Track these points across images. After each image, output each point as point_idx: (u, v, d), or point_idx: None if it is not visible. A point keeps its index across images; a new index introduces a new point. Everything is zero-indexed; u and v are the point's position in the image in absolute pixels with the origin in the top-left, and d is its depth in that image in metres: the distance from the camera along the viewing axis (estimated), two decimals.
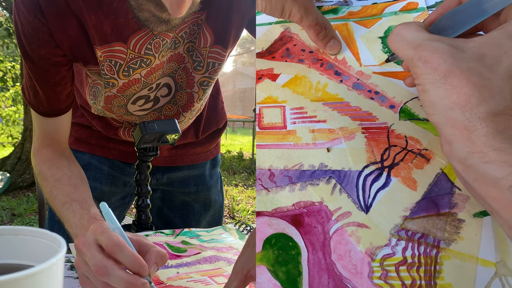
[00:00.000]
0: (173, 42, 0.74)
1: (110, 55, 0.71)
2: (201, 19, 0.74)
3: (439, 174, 0.37)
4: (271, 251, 0.36)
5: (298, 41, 0.52)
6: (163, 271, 0.65)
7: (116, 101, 0.80)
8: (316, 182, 0.39)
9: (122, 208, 1.02)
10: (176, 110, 0.86)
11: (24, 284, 0.24)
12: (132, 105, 0.82)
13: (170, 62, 0.77)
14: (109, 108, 0.82)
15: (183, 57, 0.78)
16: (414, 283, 0.33)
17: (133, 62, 0.72)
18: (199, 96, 0.84)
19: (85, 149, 0.96)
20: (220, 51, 0.78)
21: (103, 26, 0.68)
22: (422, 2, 0.53)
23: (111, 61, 0.71)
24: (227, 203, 4.36)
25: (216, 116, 1.03)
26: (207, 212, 1.05)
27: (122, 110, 0.83)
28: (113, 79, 0.74)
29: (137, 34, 0.69)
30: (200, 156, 1.04)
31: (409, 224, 0.35)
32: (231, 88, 23.79)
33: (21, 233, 0.32)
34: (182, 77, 0.81)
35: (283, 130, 0.43)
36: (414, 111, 0.41)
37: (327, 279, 0.34)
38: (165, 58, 0.75)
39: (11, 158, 5.00)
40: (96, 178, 0.95)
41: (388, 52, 0.48)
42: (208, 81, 0.82)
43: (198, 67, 0.79)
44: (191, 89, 0.82)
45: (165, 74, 0.79)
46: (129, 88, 0.76)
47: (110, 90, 0.76)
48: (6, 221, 3.56)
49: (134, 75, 0.74)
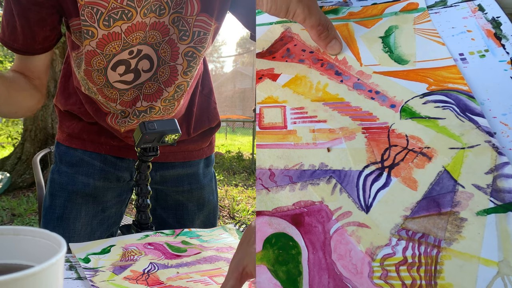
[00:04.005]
0: (158, 7, 0.75)
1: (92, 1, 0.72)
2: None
3: (441, 172, 0.37)
4: (271, 250, 0.36)
5: (299, 41, 0.52)
6: (163, 271, 0.64)
7: (95, 61, 0.80)
8: (317, 181, 0.39)
9: (119, 206, 1.02)
10: (158, 87, 0.86)
11: (24, 284, 0.24)
12: (111, 72, 0.82)
13: (153, 30, 0.78)
14: (90, 74, 0.83)
15: (168, 29, 0.79)
16: (415, 283, 0.33)
17: (114, 12, 0.73)
18: (183, 68, 0.84)
19: (77, 145, 0.97)
20: (206, 19, 0.79)
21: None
22: (422, 2, 0.53)
23: (93, 8, 0.73)
24: (227, 203, 4.36)
25: (208, 115, 1.04)
26: (201, 211, 1.05)
27: (102, 78, 0.83)
28: (92, 27, 0.75)
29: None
30: (193, 153, 1.04)
31: (410, 224, 0.35)
32: (231, 88, 23.79)
33: (21, 233, 0.32)
34: (166, 51, 0.82)
35: (283, 130, 0.43)
36: (415, 110, 0.41)
37: (327, 279, 0.34)
38: (148, 20, 0.76)
39: (11, 158, 5.00)
40: (89, 173, 0.96)
41: (388, 51, 0.48)
42: (193, 52, 0.82)
43: (184, 37, 0.80)
44: (174, 61, 0.83)
45: (148, 42, 0.80)
46: (108, 44, 0.77)
47: (90, 42, 0.77)
48: (6, 221, 3.56)
49: (114, 27, 0.75)
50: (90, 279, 0.60)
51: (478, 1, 0.51)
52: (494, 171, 0.36)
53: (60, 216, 0.94)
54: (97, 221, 0.97)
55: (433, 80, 0.44)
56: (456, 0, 0.53)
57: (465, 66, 0.45)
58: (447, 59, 0.45)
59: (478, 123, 0.39)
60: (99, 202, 0.97)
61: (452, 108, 0.41)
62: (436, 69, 0.45)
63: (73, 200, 0.94)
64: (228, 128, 17.31)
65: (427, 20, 0.51)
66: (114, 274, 0.62)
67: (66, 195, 0.94)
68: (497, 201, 0.34)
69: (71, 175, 0.95)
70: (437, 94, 0.42)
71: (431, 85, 0.43)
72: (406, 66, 0.46)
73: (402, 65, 0.46)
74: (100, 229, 0.98)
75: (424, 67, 0.45)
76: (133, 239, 0.77)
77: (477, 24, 0.48)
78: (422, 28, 0.50)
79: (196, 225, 1.04)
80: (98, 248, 0.71)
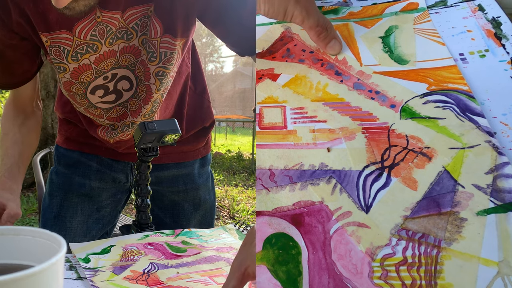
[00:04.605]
0: (124, 33, 0.77)
1: (56, 41, 0.75)
2: (150, 11, 0.77)
3: (441, 172, 0.37)
4: (271, 250, 0.36)
5: (299, 41, 0.52)
6: (163, 271, 0.64)
7: (74, 89, 0.83)
8: (317, 181, 0.39)
9: (114, 205, 1.03)
10: (139, 104, 0.88)
11: (24, 284, 0.24)
12: (91, 95, 0.84)
13: (125, 54, 0.80)
14: (74, 98, 0.86)
15: (139, 50, 0.81)
16: (414, 283, 0.33)
17: (79, 47, 0.76)
18: (157, 87, 0.86)
19: (75, 147, 1.00)
20: (170, 40, 0.80)
21: (49, 14, 0.72)
22: (422, 2, 0.53)
23: (59, 46, 0.76)
24: (227, 203, 4.36)
25: (201, 114, 1.04)
26: (197, 211, 1.06)
27: (85, 101, 0.85)
28: (63, 64, 0.78)
29: (81, 22, 0.73)
30: (188, 154, 1.05)
31: (410, 224, 0.35)
32: (231, 88, 23.80)
33: (21, 233, 0.32)
34: (141, 70, 0.83)
35: (283, 130, 0.43)
36: (415, 110, 0.41)
37: (327, 279, 0.34)
38: (117, 47, 0.78)
39: None
40: (85, 174, 0.98)
41: (388, 51, 0.48)
42: (163, 71, 0.84)
43: (152, 58, 0.81)
44: (148, 81, 0.85)
45: (122, 65, 0.81)
46: (81, 74, 0.80)
47: (64, 75, 0.80)
48: None
49: (83, 60, 0.78)
50: (90, 279, 0.60)
51: (478, 1, 0.51)
52: (494, 171, 0.36)
53: (57, 214, 0.97)
54: (92, 220, 0.99)
55: (433, 80, 0.44)
56: (456, 0, 0.53)
57: (465, 66, 0.45)
58: (447, 59, 0.45)
59: (478, 123, 0.39)
60: (94, 201, 0.99)
61: (452, 108, 0.41)
62: (436, 69, 0.45)
63: (70, 199, 0.97)
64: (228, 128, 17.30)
65: (427, 20, 0.51)
66: (114, 274, 0.62)
67: (62, 195, 0.97)
68: (497, 201, 0.34)
69: (68, 176, 0.98)
70: (437, 94, 0.42)
71: (431, 85, 0.43)
72: (406, 66, 0.46)
73: (402, 65, 0.46)
74: (96, 228, 1.00)
75: (424, 67, 0.45)
76: (133, 239, 0.77)
77: (477, 24, 0.48)
78: (422, 28, 0.50)
79: (192, 225, 1.04)
80: (98, 248, 0.72)
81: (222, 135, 14.73)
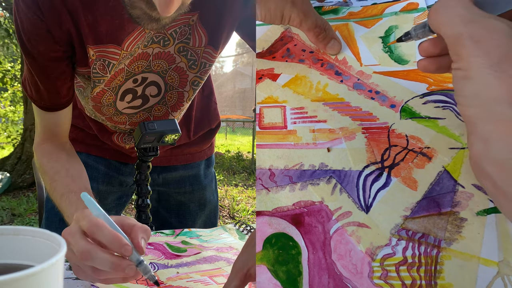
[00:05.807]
0: (162, 38, 0.75)
1: (102, 55, 0.72)
2: (193, 20, 0.75)
3: (441, 173, 0.37)
4: (271, 250, 0.36)
5: (299, 41, 0.52)
6: (163, 271, 0.64)
7: (105, 99, 0.81)
8: (317, 181, 0.39)
9: (118, 209, 1.03)
10: (165, 110, 0.87)
11: (24, 284, 0.24)
12: (120, 102, 0.82)
13: (158, 59, 0.78)
14: (99, 109, 0.83)
15: (174, 57, 0.79)
16: (414, 283, 0.33)
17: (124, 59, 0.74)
18: (189, 96, 0.85)
19: (81, 149, 0.98)
20: (211, 52, 0.80)
21: (99, 26, 0.69)
22: (422, 2, 0.53)
23: (104, 60, 0.73)
24: (227, 203, 4.36)
25: (209, 116, 1.05)
26: (203, 211, 1.06)
27: (112, 109, 0.83)
28: (104, 77, 0.75)
29: (131, 35, 0.71)
30: (195, 155, 1.05)
31: (410, 224, 0.35)
32: (231, 88, 23.79)
33: (21, 233, 0.32)
34: (173, 78, 0.82)
35: (283, 130, 0.43)
36: (415, 110, 0.41)
37: (327, 279, 0.34)
38: (151, 50, 0.76)
39: (11, 158, 4.99)
40: (92, 177, 0.96)
41: (388, 51, 0.48)
42: (198, 81, 0.84)
43: (193, 66, 0.80)
44: (183, 88, 0.84)
45: (153, 71, 0.80)
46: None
47: (99, 86, 0.77)
48: (6, 221, 3.56)
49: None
50: None
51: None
52: None
53: (62, 217, 0.95)
54: None
55: (433, 80, 0.44)
56: None
57: None
58: None
59: None
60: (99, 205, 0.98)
61: (452, 108, 0.41)
62: None
63: None
64: (228, 128, 17.30)
65: None
66: None
67: None
68: None
69: None
70: (437, 94, 0.42)
71: (431, 85, 0.43)
72: (406, 66, 0.46)
73: (402, 65, 0.46)
74: None
75: None
76: None
77: None
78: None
79: (198, 225, 1.05)
80: None
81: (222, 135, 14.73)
